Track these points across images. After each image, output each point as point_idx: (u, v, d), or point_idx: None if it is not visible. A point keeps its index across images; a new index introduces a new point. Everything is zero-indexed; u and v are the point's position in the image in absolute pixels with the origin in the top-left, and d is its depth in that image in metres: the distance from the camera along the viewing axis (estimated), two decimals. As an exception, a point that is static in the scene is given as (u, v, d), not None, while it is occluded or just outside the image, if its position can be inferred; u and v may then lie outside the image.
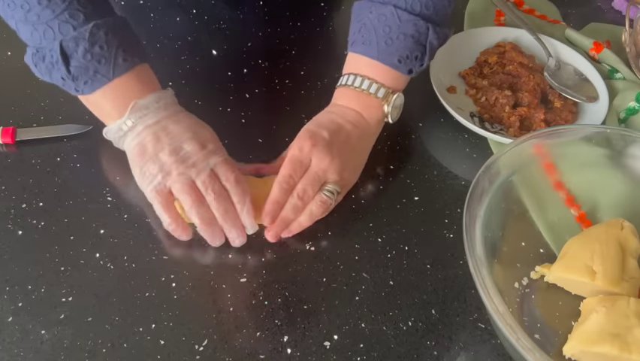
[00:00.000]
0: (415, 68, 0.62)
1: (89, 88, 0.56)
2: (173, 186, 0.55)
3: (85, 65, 0.54)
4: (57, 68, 0.55)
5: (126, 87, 0.57)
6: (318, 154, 0.58)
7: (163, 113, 0.57)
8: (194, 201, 0.54)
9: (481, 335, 0.54)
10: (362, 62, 0.62)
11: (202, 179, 0.55)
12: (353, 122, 0.61)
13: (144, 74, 0.58)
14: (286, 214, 0.57)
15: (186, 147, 0.55)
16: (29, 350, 0.49)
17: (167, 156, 0.55)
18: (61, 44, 0.54)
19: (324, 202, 0.58)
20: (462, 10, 0.86)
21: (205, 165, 0.55)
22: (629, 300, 0.49)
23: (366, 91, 0.61)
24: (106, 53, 0.55)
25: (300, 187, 0.57)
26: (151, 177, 0.55)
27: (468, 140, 0.69)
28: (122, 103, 0.56)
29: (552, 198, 0.60)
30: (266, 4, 0.83)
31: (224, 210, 0.55)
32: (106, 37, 0.55)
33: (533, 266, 0.56)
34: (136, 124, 0.56)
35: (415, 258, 0.58)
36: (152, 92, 0.58)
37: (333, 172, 0.58)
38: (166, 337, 0.51)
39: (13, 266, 0.54)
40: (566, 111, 0.71)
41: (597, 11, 0.91)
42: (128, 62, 0.56)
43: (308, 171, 0.58)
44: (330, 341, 0.52)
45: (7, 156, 0.63)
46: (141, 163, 0.56)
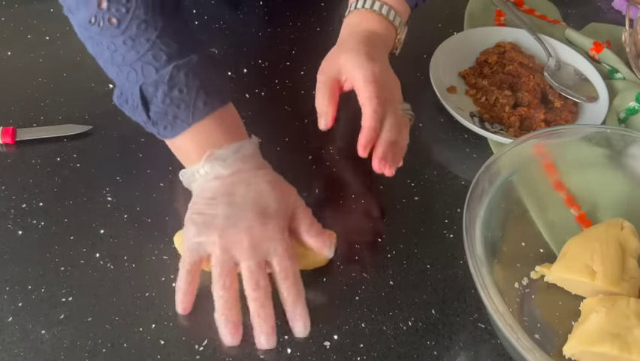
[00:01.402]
0: (419, 2, 0.64)
1: (169, 133, 0.53)
2: (214, 255, 0.50)
3: (164, 109, 0.52)
4: (138, 112, 0.52)
5: (207, 133, 0.53)
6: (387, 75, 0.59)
7: (239, 165, 0.53)
8: (224, 285, 0.49)
9: (481, 335, 0.54)
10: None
11: (248, 266, 0.50)
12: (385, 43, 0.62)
13: (227, 118, 0.55)
14: (388, 136, 0.56)
15: (244, 220, 0.50)
16: (29, 350, 0.49)
17: (222, 220, 0.50)
18: (141, 88, 0.51)
19: (407, 123, 0.59)
20: (462, 10, 0.86)
21: (257, 251, 0.50)
22: (629, 300, 0.49)
23: (385, 16, 0.61)
24: (185, 97, 0.52)
25: (392, 109, 0.57)
26: (194, 234, 0.51)
27: (468, 140, 0.69)
28: (202, 149, 0.53)
29: (552, 198, 0.60)
30: (266, 4, 0.83)
31: (261, 303, 0.49)
32: (186, 80, 0.51)
33: (533, 266, 0.56)
34: (208, 173, 0.52)
35: (415, 258, 0.58)
36: (232, 140, 0.53)
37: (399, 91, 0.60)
38: (166, 337, 0.51)
39: (13, 266, 0.54)
40: (566, 111, 0.71)
41: (597, 11, 0.91)
42: (209, 105, 0.52)
43: (390, 92, 0.58)
44: (330, 341, 0.52)
45: (7, 156, 0.63)
46: (194, 210, 0.52)
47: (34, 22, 0.77)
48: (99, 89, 0.70)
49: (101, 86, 0.70)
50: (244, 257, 0.50)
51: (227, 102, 0.55)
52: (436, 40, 0.75)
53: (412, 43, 0.79)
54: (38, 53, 0.73)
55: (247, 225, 0.50)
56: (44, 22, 0.77)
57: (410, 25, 0.68)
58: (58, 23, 0.77)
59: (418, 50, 0.77)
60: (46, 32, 0.76)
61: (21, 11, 0.79)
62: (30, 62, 0.72)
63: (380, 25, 0.62)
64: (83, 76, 0.71)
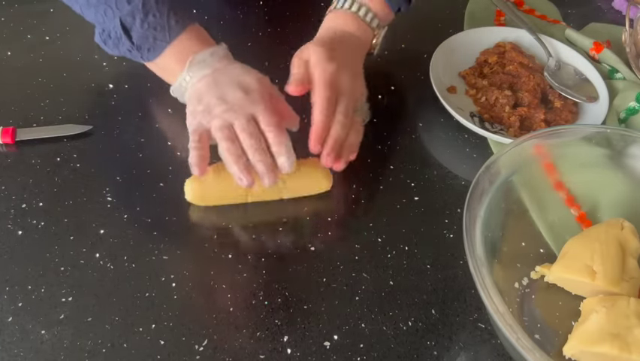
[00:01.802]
0: (403, 6, 0.67)
1: (152, 54, 0.60)
2: (212, 125, 0.57)
3: (144, 34, 0.59)
4: (122, 42, 0.59)
5: (184, 46, 0.60)
6: (344, 75, 0.60)
7: (217, 65, 0.60)
8: (226, 138, 0.56)
9: (481, 335, 0.54)
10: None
11: (240, 122, 0.56)
12: (357, 43, 0.65)
13: (198, 32, 0.62)
14: (337, 133, 0.58)
15: (230, 95, 0.57)
16: (29, 350, 0.49)
17: (213, 100, 0.57)
18: (121, 20, 0.58)
19: (361, 123, 0.61)
20: (462, 10, 0.86)
21: (244, 111, 0.56)
22: (629, 300, 0.49)
23: (362, 17, 0.64)
24: (159, 20, 0.59)
25: (341, 108, 0.59)
26: (194, 119, 0.58)
27: (468, 140, 0.69)
28: (182, 61, 0.60)
29: (552, 198, 0.60)
30: (266, 4, 0.83)
31: (255, 147, 0.56)
32: (157, 5, 0.59)
33: (533, 266, 0.56)
34: (192, 77, 0.59)
35: (415, 258, 0.58)
36: (207, 47, 0.61)
37: (357, 89, 0.62)
38: (166, 337, 0.51)
39: (13, 266, 0.54)
40: (566, 111, 0.71)
41: (597, 11, 0.91)
42: (180, 23, 0.60)
43: (343, 92, 0.60)
44: (330, 341, 0.52)
45: (7, 156, 0.63)
46: (191, 108, 0.59)
47: (34, 22, 0.77)
48: (99, 89, 0.70)
49: (101, 86, 0.70)
50: (234, 117, 0.56)
51: (194, 21, 0.62)
52: (436, 40, 0.75)
53: (412, 44, 0.79)
54: (38, 53, 0.73)
55: (234, 97, 0.57)
56: (44, 22, 0.77)
57: (410, 25, 0.68)
58: (58, 23, 0.77)
59: (418, 50, 0.77)
60: (46, 32, 0.76)
61: (21, 11, 0.79)
62: (30, 62, 0.72)
63: (356, 26, 0.65)
64: (83, 76, 0.71)
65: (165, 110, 0.68)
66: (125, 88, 0.71)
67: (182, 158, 0.64)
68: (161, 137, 0.66)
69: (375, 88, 0.74)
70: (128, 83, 0.71)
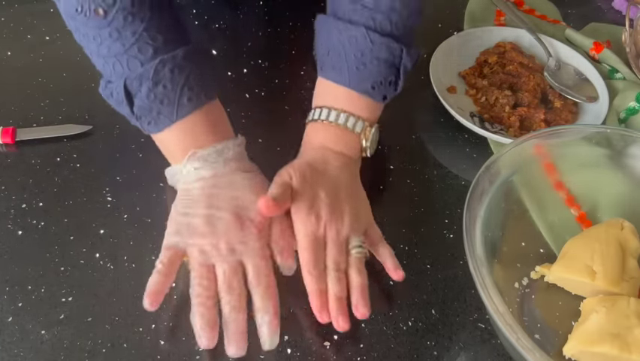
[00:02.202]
0: (389, 93, 0.58)
1: (153, 128, 0.53)
2: (190, 252, 0.51)
3: (148, 105, 0.52)
4: (123, 107, 0.53)
5: (190, 130, 0.53)
6: (328, 223, 0.53)
7: (221, 168, 0.53)
8: (200, 283, 0.49)
9: (481, 335, 0.54)
10: (334, 91, 0.58)
11: (223, 269, 0.50)
12: (340, 166, 0.56)
13: (212, 115, 0.55)
14: (335, 291, 0.51)
15: (221, 222, 0.51)
16: (29, 350, 0.49)
17: (200, 220, 0.51)
18: (125, 83, 0.51)
19: (361, 258, 0.53)
20: (462, 10, 0.86)
21: (231, 255, 0.50)
22: (629, 300, 0.49)
23: (343, 126, 0.57)
24: (170, 93, 0.51)
25: (331, 262, 0.52)
26: (174, 233, 0.52)
27: (468, 140, 0.69)
28: (185, 147, 0.53)
29: (552, 198, 0.60)
30: (266, 4, 0.83)
31: (232, 305, 0.49)
32: (171, 75, 0.51)
33: (533, 266, 0.56)
34: (190, 173, 0.53)
35: (415, 258, 0.58)
36: (216, 140, 0.54)
37: (349, 228, 0.53)
38: (166, 337, 0.51)
39: (13, 266, 0.54)
40: (566, 111, 0.71)
41: (597, 11, 0.91)
42: (194, 101, 0.52)
43: (328, 242, 0.53)
44: (330, 341, 0.52)
45: (7, 156, 0.63)
46: (176, 211, 0.53)
47: (34, 22, 0.77)
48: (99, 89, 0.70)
49: (101, 86, 0.70)
50: (219, 260, 0.50)
51: (213, 98, 0.55)
52: (436, 40, 0.75)
53: (412, 44, 0.79)
54: (38, 53, 0.73)
55: (224, 228, 0.51)
56: (44, 22, 0.77)
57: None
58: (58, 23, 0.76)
59: (418, 50, 0.77)
60: (46, 32, 0.76)
61: (21, 11, 0.79)
62: (30, 62, 0.72)
63: (337, 138, 0.57)
64: (83, 76, 0.71)
65: (165, 110, 0.68)
66: (125, 88, 0.71)
67: (182, 158, 0.64)
68: (161, 137, 0.66)
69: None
70: (128, 83, 0.71)
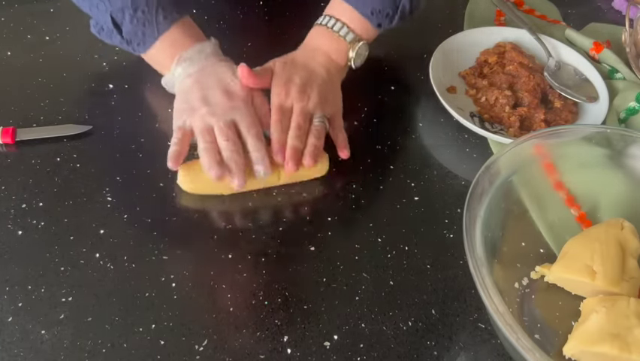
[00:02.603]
0: (384, 24, 0.67)
1: (142, 48, 0.64)
2: (194, 125, 0.60)
3: (133, 29, 0.62)
4: (114, 36, 0.63)
5: (172, 41, 0.64)
6: (296, 98, 0.63)
7: (204, 62, 0.63)
8: (205, 139, 0.59)
9: (481, 335, 0.54)
10: (341, 7, 0.68)
11: (219, 125, 0.59)
12: (322, 63, 0.67)
13: (186, 26, 0.65)
14: (292, 143, 0.60)
15: (213, 97, 0.61)
16: (29, 350, 0.49)
17: (197, 101, 0.61)
18: (111, 15, 0.61)
19: (319, 128, 0.62)
20: (462, 10, 0.86)
21: (224, 115, 0.60)
22: (629, 300, 0.49)
23: (336, 33, 0.67)
24: (148, 15, 0.62)
25: (293, 123, 0.62)
26: (179, 117, 0.61)
27: (468, 140, 0.69)
28: (171, 55, 0.63)
29: (552, 198, 0.60)
30: (266, 4, 0.83)
31: (230, 148, 0.58)
32: (145, 1, 0.61)
33: (533, 266, 0.56)
34: (181, 74, 0.63)
35: (415, 258, 0.58)
36: (195, 43, 0.64)
37: (315, 107, 0.63)
38: (166, 337, 0.51)
39: (13, 266, 0.54)
40: (566, 111, 0.71)
41: (597, 11, 0.91)
42: (168, 18, 0.63)
43: (294, 112, 0.62)
44: (330, 341, 0.52)
45: (7, 156, 0.63)
46: (177, 105, 0.62)
47: (34, 22, 0.77)
48: (99, 89, 0.70)
49: (101, 86, 0.70)
50: (215, 120, 0.59)
51: (184, 15, 0.65)
52: (436, 40, 0.75)
53: (412, 43, 0.79)
54: (38, 53, 0.73)
55: (217, 100, 0.61)
56: (44, 22, 0.77)
57: (410, 26, 0.68)
58: (58, 23, 0.77)
59: (418, 50, 0.77)
60: (46, 32, 0.76)
61: (21, 11, 0.79)
62: (30, 62, 0.72)
63: (329, 41, 0.68)
64: (83, 76, 0.71)
65: (165, 110, 0.68)
66: (125, 88, 0.71)
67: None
68: (161, 137, 0.65)
69: (375, 88, 0.74)
70: (128, 83, 0.71)
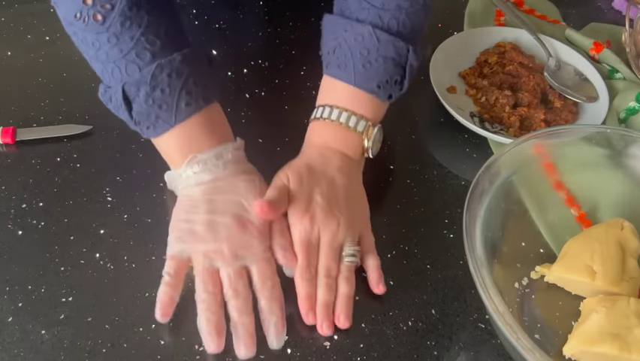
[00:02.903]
0: (395, 93, 0.57)
1: (152, 132, 0.53)
2: (194, 259, 0.51)
3: (146, 110, 0.52)
4: (122, 112, 0.53)
5: (189, 134, 0.53)
6: (323, 226, 0.53)
7: (220, 172, 0.53)
8: (206, 288, 0.50)
9: (481, 335, 0.54)
10: (338, 89, 0.58)
11: (228, 273, 0.50)
12: (340, 167, 0.57)
13: (211, 118, 0.55)
14: (323, 298, 0.52)
15: (223, 225, 0.51)
16: (29, 350, 0.49)
17: (202, 226, 0.51)
18: (124, 88, 0.51)
19: (351, 267, 0.54)
20: (462, 10, 0.86)
21: (234, 258, 0.51)
22: (629, 300, 0.49)
23: (344, 125, 0.57)
24: (168, 98, 0.51)
25: (322, 268, 0.52)
26: (176, 240, 0.52)
27: (468, 140, 0.69)
28: (184, 151, 0.53)
29: (552, 198, 0.60)
30: (266, 4, 0.83)
31: (239, 309, 0.50)
32: (169, 80, 0.51)
33: (533, 266, 0.56)
34: (190, 178, 0.53)
35: (415, 258, 0.58)
36: (215, 144, 0.54)
37: (344, 233, 0.54)
38: (166, 337, 0.51)
39: (13, 266, 0.54)
40: (566, 111, 0.71)
41: (597, 11, 0.91)
42: (192, 106, 0.52)
43: (321, 246, 0.53)
44: (330, 341, 0.52)
45: (7, 156, 0.63)
46: (177, 218, 0.53)
47: (34, 22, 0.77)
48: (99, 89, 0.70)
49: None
50: (223, 264, 0.51)
51: (212, 102, 0.55)
52: (436, 40, 0.75)
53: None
54: (38, 53, 0.73)
55: (227, 232, 0.51)
56: (44, 22, 0.77)
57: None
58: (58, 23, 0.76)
59: (418, 50, 0.77)
60: (46, 32, 0.76)
61: (21, 11, 0.79)
62: (30, 62, 0.72)
63: (339, 137, 0.57)
64: (83, 76, 0.71)
65: (165, 110, 0.68)
66: (125, 88, 0.71)
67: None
68: (161, 137, 0.66)
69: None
70: (128, 83, 0.71)
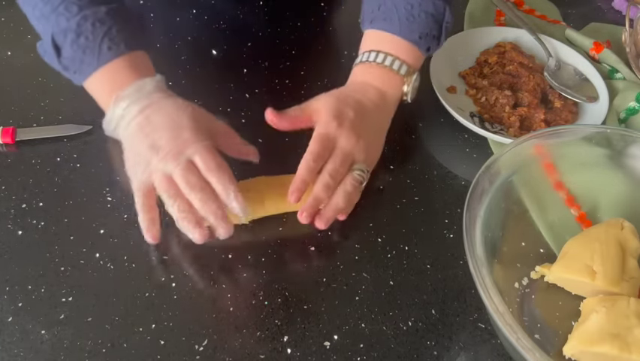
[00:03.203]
0: (433, 46, 0.63)
1: (78, 77, 0.57)
2: (153, 180, 0.54)
3: (72, 55, 0.56)
4: (53, 60, 0.57)
5: (112, 76, 0.56)
6: (345, 134, 0.57)
7: (145, 102, 0.55)
8: (169, 194, 0.53)
9: (481, 335, 0.54)
10: (383, 38, 0.62)
11: (177, 173, 0.53)
12: (375, 101, 0.61)
13: (135, 63, 0.57)
14: (318, 192, 0.55)
15: (161, 139, 0.53)
16: (29, 350, 0.50)
17: (146, 150, 0.54)
18: (53, 36, 0.56)
19: (357, 180, 0.57)
20: (462, 10, 0.86)
21: (179, 157, 0.53)
22: (629, 300, 0.49)
23: (388, 67, 0.61)
24: (91, 43, 0.55)
25: (330, 165, 0.56)
26: (134, 176, 0.55)
27: (468, 140, 0.69)
28: (109, 92, 0.56)
29: (552, 198, 0.60)
30: (266, 4, 0.83)
31: (199, 198, 0.52)
32: (92, 28, 0.55)
33: (533, 266, 0.56)
34: (123, 115, 0.55)
35: (415, 258, 0.58)
36: (135, 80, 0.56)
37: (361, 152, 0.57)
38: (166, 337, 0.51)
39: (13, 266, 0.54)
40: (566, 111, 0.71)
41: (597, 11, 0.91)
42: (114, 50, 0.56)
43: (336, 150, 0.57)
44: (330, 341, 0.52)
45: (7, 156, 0.63)
46: (127, 159, 0.56)
47: (34, 22, 0.77)
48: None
49: (101, 86, 0.70)
50: (171, 167, 0.53)
51: (136, 49, 0.58)
52: (436, 40, 0.75)
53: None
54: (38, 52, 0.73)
55: (164, 141, 0.53)
56: (44, 22, 0.77)
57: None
58: (58, 23, 0.77)
59: (418, 50, 0.77)
60: (46, 32, 0.76)
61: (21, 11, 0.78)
62: (30, 62, 0.72)
63: (381, 77, 0.62)
64: (83, 76, 0.71)
65: (165, 110, 0.68)
66: (125, 88, 0.71)
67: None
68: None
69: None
70: (128, 83, 0.71)
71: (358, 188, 0.57)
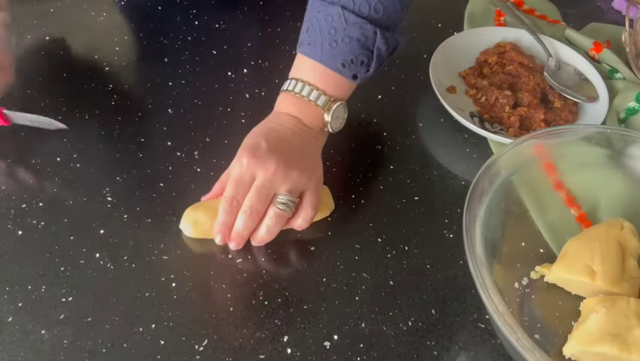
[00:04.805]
0: (360, 73, 0.59)
1: None
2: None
3: None
4: None
5: None
6: (262, 164, 0.55)
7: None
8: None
9: (481, 335, 0.54)
10: (306, 65, 0.59)
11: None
12: (291, 127, 0.59)
13: None
14: (238, 230, 0.56)
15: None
16: (29, 350, 0.50)
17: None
18: None
19: (279, 215, 0.56)
20: (462, 10, 0.86)
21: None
22: (629, 300, 0.49)
23: (306, 98, 0.58)
24: None
25: (246, 204, 0.55)
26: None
27: (468, 140, 0.69)
28: None
29: (552, 198, 0.60)
30: (266, 4, 0.83)
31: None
32: None
33: (533, 266, 0.56)
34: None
35: (415, 258, 0.58)
36: None
37: (282, 181, 0.55)
38: (166, 337, 0.51)
39: (13, 266, 0.54)
40: (566, 111, 0.71)
41: (597, 11, 0.91)
42: None
43: (254, 184, 0.55)
44: (330, 341, 0.52)
45: (7, 156, 0.63)
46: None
47: (34, 22, 0.77)
48: (99, 89, 0.70)
49: (101, 86, 0.70)
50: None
51: None
52: (436, 40, 0.75)
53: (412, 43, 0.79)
54: (38, 53, 0.73)
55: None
56: (44, 22, 0.77)
57: (410, 25, 0.68)
58: (58, 23, 0.77)
59: (418, 50, 0.77)
60: (46, 32, 0.76)
61: (21, 11, 0.79)
62: (30, 62, 0.72)
63: (299, 107, 0.59)
64: (83, 76, 0.71)
65: (165, 110, 0.68)
66: (125, 88, 0.71)
67: (182, 158, 0.64)
68: (161, 137, 0.66)
69: (375, 88, 0.74)
70: (128, 83, 0.71)
71: (283, 221, 0.56)
